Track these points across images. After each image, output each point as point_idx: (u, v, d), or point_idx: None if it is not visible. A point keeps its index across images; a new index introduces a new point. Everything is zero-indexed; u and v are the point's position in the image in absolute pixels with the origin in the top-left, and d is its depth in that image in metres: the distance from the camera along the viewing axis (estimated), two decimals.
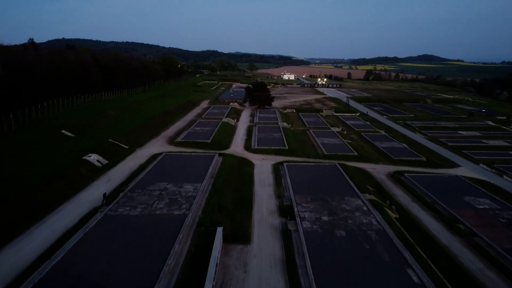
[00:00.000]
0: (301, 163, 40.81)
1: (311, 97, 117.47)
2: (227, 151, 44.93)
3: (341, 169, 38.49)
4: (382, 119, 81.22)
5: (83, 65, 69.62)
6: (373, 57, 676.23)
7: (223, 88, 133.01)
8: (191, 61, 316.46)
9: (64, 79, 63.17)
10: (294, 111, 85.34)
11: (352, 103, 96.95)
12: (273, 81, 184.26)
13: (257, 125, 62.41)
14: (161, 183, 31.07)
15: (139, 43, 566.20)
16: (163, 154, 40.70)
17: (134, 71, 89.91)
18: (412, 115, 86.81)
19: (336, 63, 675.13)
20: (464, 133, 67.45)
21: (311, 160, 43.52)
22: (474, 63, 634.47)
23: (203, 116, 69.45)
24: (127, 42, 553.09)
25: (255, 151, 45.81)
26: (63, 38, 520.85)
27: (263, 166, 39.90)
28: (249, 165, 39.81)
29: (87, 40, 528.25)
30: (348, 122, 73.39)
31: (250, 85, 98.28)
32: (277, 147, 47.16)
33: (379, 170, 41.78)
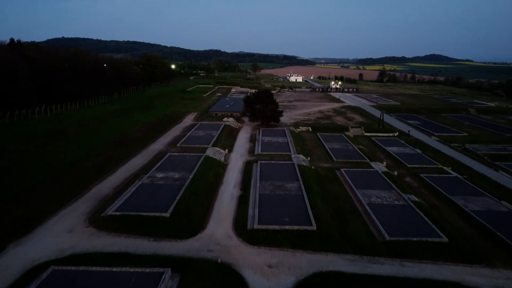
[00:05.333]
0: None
1: (327, 106, 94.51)
2: (198, 244, 22.61)
3: None
4: (431, 141, 59.20)
5: (6, 68, 47.40)
6: (380, 56, 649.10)
7: (219, 94, 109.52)
8: (188, 61, 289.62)
9: None
10: (310, 129, 62.93)
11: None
12: (279, 84, 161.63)
13: (259, 162, 40.17)
14: None
15: (140, 42, 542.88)
16: (50, 270, 18.44)
17: (97, 75, 66.90)
18: (466, 134, 65.73)
19: (342, 62, 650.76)
20: None
21: (365, 263, 21.34)
22: (485, 63, 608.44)
23: (179, 144, 46.65)
24: (128, 41, 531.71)
25: (254, 239, 23.55)
26: (63, 37, 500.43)
27: None
28: None
29: (88, 39, 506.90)
30: (389, 149, 50.97)
31: (251, 93, 75.80)
32: (296, 227, 24.93)
33: None
